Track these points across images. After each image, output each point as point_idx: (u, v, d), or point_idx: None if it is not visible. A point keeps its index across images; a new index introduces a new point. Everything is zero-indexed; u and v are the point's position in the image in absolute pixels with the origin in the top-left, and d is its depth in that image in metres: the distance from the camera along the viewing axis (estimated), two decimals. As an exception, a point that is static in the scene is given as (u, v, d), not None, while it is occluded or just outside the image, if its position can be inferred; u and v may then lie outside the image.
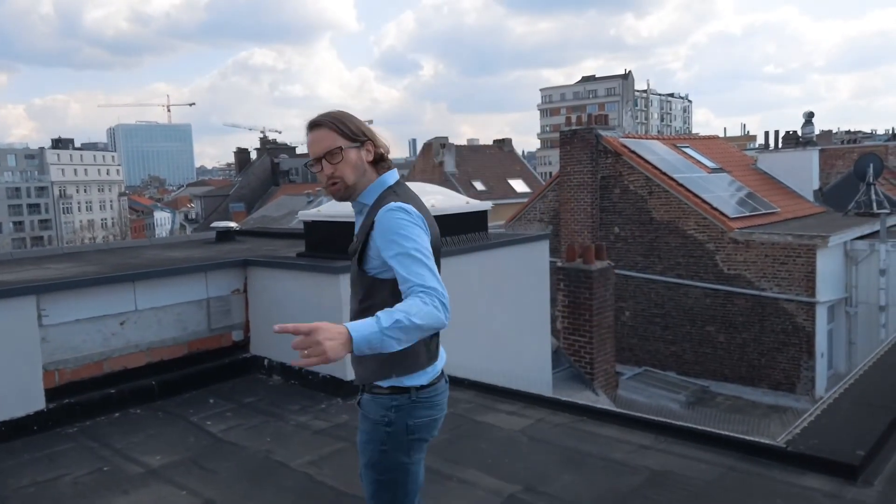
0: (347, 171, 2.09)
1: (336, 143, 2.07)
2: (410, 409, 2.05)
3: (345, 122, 2.09)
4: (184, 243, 9.02)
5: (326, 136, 2.08)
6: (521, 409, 4.78)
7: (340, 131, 2.08)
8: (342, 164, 2.07)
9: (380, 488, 2.12)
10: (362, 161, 2.11)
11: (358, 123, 2.11)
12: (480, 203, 6.48)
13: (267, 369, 5.65)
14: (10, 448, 4.25)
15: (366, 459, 2.13)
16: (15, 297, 4.44)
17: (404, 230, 1.97)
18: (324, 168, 2.08)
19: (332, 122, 2.08)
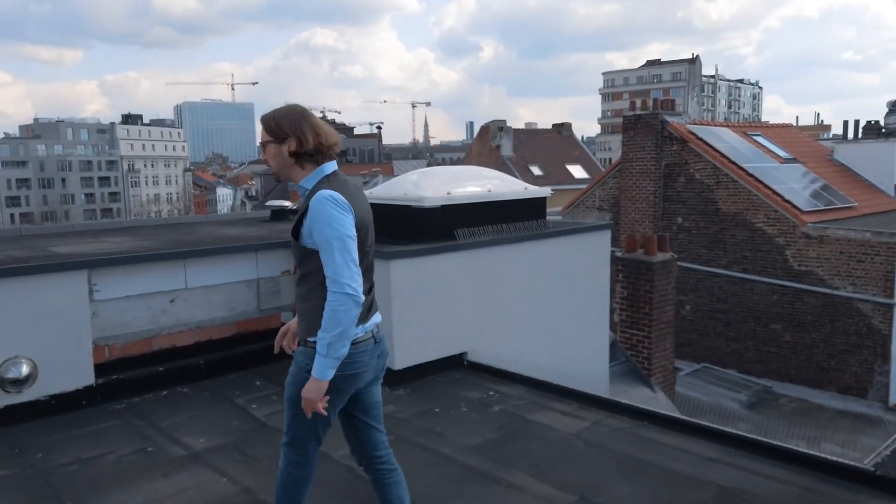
0: (270, 160, 2.54)
1: (264, 137, 2.51)
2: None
3: (274, 121, 2.48)
4: (240, 221, 9.03)
5: (262, 131, 2.54)
6: (577, 409, 4.51)
7: (268, 128, 2.49)
8: (267, 154, 2.53)
9: (294, 421, 2.56)
10: (282, 154, 2.48)
11: (287, 122, 2.46)
12: (539, 189, 6.18)
13: (314, 353, 5.53)
14: (57, 422, 4.25)
15: (287, 395, 2.55)
16: (67, 270, 4.42)
17: (329, 218, 2.33)
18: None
19: (266, 120, 2.51)
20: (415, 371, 4.99)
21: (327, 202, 2.34)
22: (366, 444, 2.72)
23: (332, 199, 2.34)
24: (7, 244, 6.49)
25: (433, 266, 5.09)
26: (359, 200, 2.47)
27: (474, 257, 5.37)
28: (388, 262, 4.79)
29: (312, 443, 2.59)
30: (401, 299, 4.87)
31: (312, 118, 2.50)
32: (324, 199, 2.34)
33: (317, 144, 2.45)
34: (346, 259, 2.31)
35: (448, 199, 5.35)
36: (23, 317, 4.23)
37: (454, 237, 5.29)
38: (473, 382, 5.03)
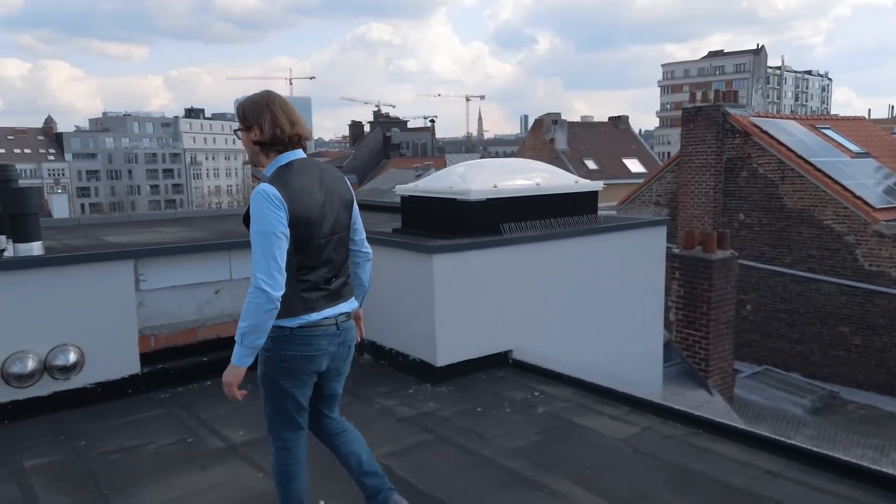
0: (245, 147, 2.59)
1: (238, 125, 2.56)
2: (284, 342, 2.48)
3: (242, 109, 2.52)
4: (288, 213, 9.09)
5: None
6: (626, 413, 4.29)
7: (238, 116, 2.53)
8: (242, 141, 2.58)
9: (266, 402, 2.63)
10: (249, 141, 2.52)
11: (251, 110, 2.50)
12: (590, 183, 5.95)
13: (358, 347, 5.46)
14: (102, 410, 4.30)
15: (258, 376, 2.60)
16: (113, 260, 4.47)
17: (257, 213, 2.38)
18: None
19: (237, 107, 2.55)
20: (457, 368, 4.87)
21: (259, 197, 2.38)
22: (314, 425, 2.81)
23: (263, 194, 2.37)
24: (65, 233, 6.68)
25: (478, 261, 4.94)
26: (306, 194, 2.45)
27: (521, 253, 5.19)
28: (431, 256, 4.67)
29: (287, 427, 2.63)
30: (443, 294, 4.74)
31: (276, 106, 2.49)
32: (256, 194, 2.39)
33: (273, 134, 2.47)
34: (266, 255, 2.35)
35: (494, 192, 5.19)
36: (71, 305, 4.30)
37: (500, 232, 5.13)
38: (518, 382, 4.87)
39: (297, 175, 2.47)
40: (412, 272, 4.89)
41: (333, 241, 2.55)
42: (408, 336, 5.02)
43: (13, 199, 4.59)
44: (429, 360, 4.81)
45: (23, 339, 4.10)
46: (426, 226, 5.41)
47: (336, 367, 2.68)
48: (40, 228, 4.69)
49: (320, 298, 2.52)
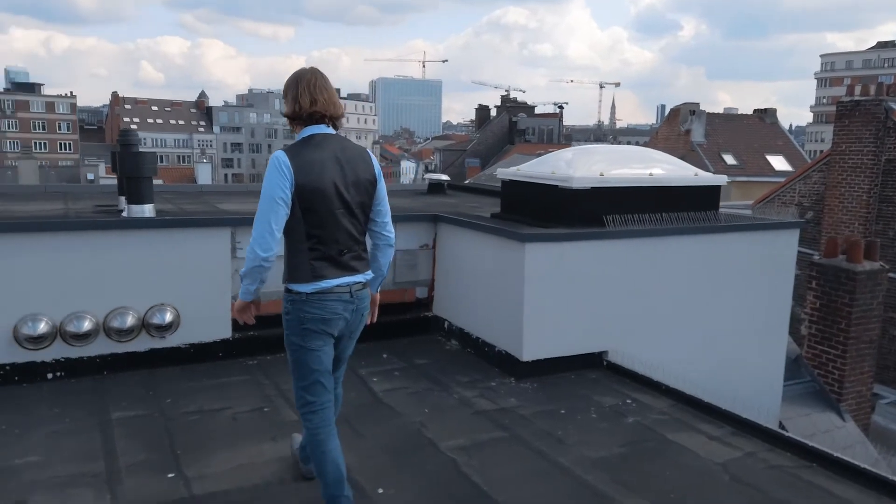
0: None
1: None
2: (301, 305, 2.62)
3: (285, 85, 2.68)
4: (398, 192, 9.10)
5: None
6: (729, 434, 3.84)
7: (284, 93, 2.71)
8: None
9: (292, 369, 2.75)
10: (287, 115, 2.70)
11: (285, 86, 2.68)
12: (712, 176, 5.40)
13: (446, 332, 5.33)
14: (193, 370, 4.44)
15: (284, 345, 2.75)
16: (212, 227, 4.58)
17: (267, 177, 2.57)
18: None
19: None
20: (545, 365, 4.58)
21: (271, 163, 2.57)
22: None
23: (275, 160, 2.55)
24: (186, 199, 7.02)
25: (576, 253, 4.61)
26: (316, 167, 2.56)
27: (626, 247, 4.79)
28: (523, 244, 4.40)
29: (313, 390, 2.71)
30: (534, 285, 4.47)
31: (303, 84, 2.63)
32: (271, 159, 2.58)
33: (293, 110, 2.63)
34: (262, 217, 2.54)
35: (600, 180, 4.82)
36: (171, 267, 4.45)
37: (603, 223, 4.76)
38: (610, 386, 4.51)
39: (313, 148, 2.60)
40: (503, 260, 4.65)
41: (345, 216, 2.62)
42: (495, 326, 4.79)
43: (129, 163, 4.82)
44: (514, 353, 4.56)
45: (125, 296, 4.30)
46: (525, 212, 5.13)
47: (349, 333, 2.80)
48: (153, 192, 4.90)
49: (330, 268, 2.62)
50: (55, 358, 4.11)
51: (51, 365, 4.11)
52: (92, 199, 6.71)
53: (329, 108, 2.64)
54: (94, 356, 4.22)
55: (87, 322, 4.16)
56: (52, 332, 4.08)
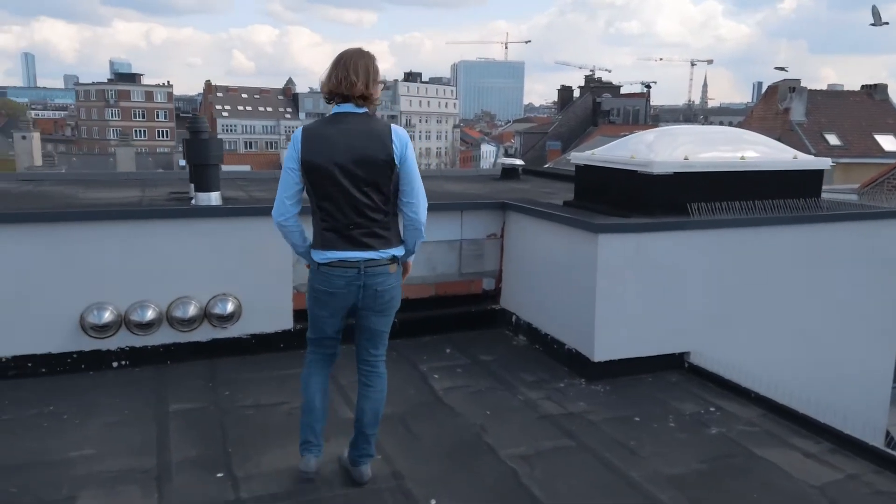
0: None
1: None
2: (314, 274, 2.87)
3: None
4: (471, 177, 8.86)
5: None
6: (827, 452, 3.41)
7: None
8: None
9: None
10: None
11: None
12: (813, 160, 4.85)
13: (514, 326, 5.06)
14: (254, 361, 4.39)
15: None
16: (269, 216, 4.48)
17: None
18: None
19: None
20: (619, 366, 4.25)
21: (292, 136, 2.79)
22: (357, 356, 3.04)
23: (294, 135, 2.78)
24: (261, 185, 7.06)
25: (655, 245, 4.23)
26: (323, 143, 2.70)
27: (712, 239, 4.37)
28: (596, 235, 4.06)
29: (311, 343, 3.06)
30: (608, 280, 4.13)
31: (333, 65, 2.75)
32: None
33: (322, 88, 2.79)
34: (280, 185, 2.80)
35: (684, 165, 4.40)
36: (233, 256, 4.40)
37: (687, 212, 4.34)
38: (692, 392, 4.13)
39: (327, 125, 2.75)
40: (574, 251, 4.33)
41: (354, 192, 2.68)
42: (565, 322, 4.49)
43: (196, 150, 4.80)
44: (585, 352, 4.25)
45: (187, 286, 4.28)
46: (600, 200, 4.77)
47: (368, 307, 2.83)
48: (219, 179, 4.87)
49: (338, 240, 2.74)
50: (119, 346, 4.15)
51: (115, 353, 4.15)
52: (170, 186, 6.84)
53: (341, 87, 2.71)
54: (157, 345, 4.23)
55: (150, 311, 4.16)
56: (117, 321, 4.11)
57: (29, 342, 3.96)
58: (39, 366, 3.98)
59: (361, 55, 2.76)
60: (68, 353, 4.04)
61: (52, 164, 32.31)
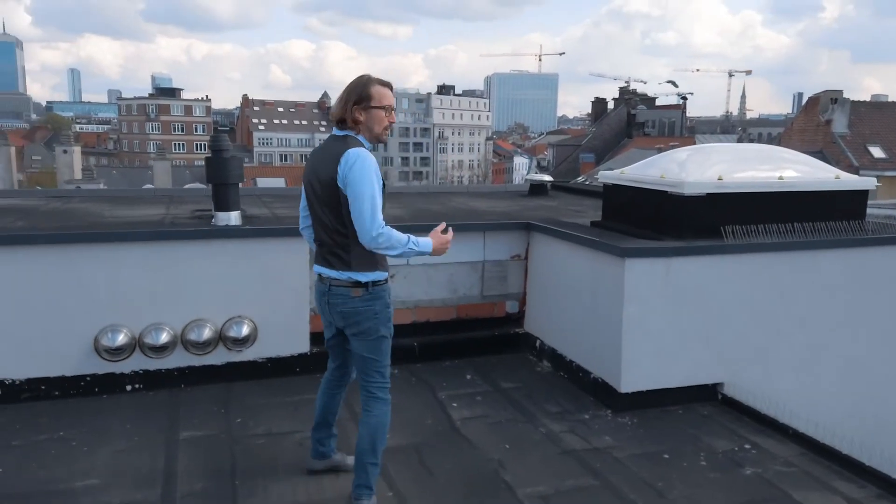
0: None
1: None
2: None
3: None
4: (497, 194, 8.71)
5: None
6: (873, 498, 3.15)
7: None
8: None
9: None
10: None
11: None
12: (858, 179, 4.59)
13: (537, 352, 4.88)
14: (269, 385, 4.28)
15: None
16: (289, 237, 4.38)
17: None
18: (391, 116, 2.87)
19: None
20: (648, 397, 4.04)
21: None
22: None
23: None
24: (287, 202, 7.02)
25: (687, 269, 4.02)
26: (308, 163, 2.93)
27: (747, 263, 4.14)
28: (623, 259, 3.87)
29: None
30: (636, 306, 3.93)
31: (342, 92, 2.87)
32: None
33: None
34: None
35: (718, 185, 4.18)
36: (249, 277, 4.32)
37: (720, 235, 4.12)
38: (725, 426, 3.89)
39: (320, 145, 2.95)
40: (600, 275, 4.14)
41: (318, 211, 2.84)
42: (591, 349, 4.29)
43: (215, 169, 4.75)
44: (612, 382, 4.05)
45: (202, 308, 4.21)
46: (629, 221, 4.58)
47: (343, 327, 2.93)
48: (239, 198, 4.81)
49: (317, 254, 2.95)
50: (133, 370, 4.09)
51: (129, 377, 4.09)
52: (196, 204, 6.85)
53: (337, 113, 2.84)
54: (171, 369, 4.16)
55: (164, 334, 4.10)
56: (132, 344, 4.06)
57: (43, 365, 3.92)
58: (53, 389, 3.94)
59: (352, 81, 2.85)
60: (82, 375, 4.00)
61: (90, 177, 33.20)
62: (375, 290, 2.82)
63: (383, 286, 2.86)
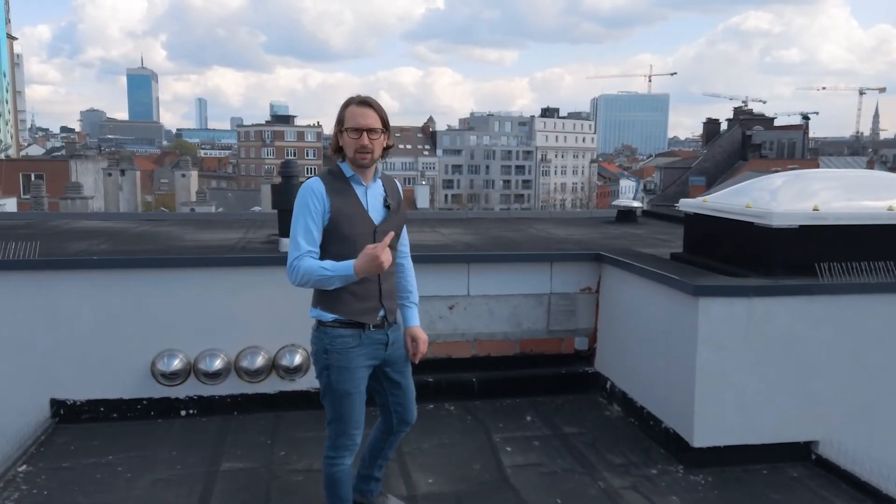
0: (377, 148, 2.62)
1: (377, 125, 2.59)
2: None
3: (383, 112, 2.63)
4: (581, 220, 8.31)
5: (374, 116, 2.59)
6: None
7: (381, 119, 2.61)
8: (377, 142, 2.60)
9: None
10: (381, 145, 2.64)
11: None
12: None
13: (608, 394, 4.50)
14: (319, 417, 4.10)
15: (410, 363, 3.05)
16: (345, 265, 4.30)
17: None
18: (361, 138, 2.56)
19: (378, 108, 2.61)
20: (727, 454, 3.58)
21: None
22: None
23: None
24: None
25: (773, 311, 3.55)
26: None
27: (848, 305, 3.60)
28: (697, 298, 3.47)
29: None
30: (712, 351, 3.50)
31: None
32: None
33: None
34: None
35: (813, 217, 3.68)
36: (304, 305, 4.24)
37: (815, 273, 3.62)
38: (817, 493, 3.37)
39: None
40: (673, 315, 3.74)
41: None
42: (662, 396, 3.88)
43: (279, 195, 4.77)
44: (684, 434, 3.62)
45: (256, 335, 4.19)
46: (712, 255, 4.14)
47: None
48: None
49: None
50: (188, 395, 4.11)
51: (184, 402, 4.11)
52: (275, 228, 6.98)
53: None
54: (224, 395, 4.15)
55: (218, 361, 4.10)
56: (186, 369, 4.08)
57: (102, 387, 4.02)
58: (111, 411, 4.03)
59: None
60: (139, 399, 4.06)
61: (203, 199, 35.46)
62: (320, 331, 2.69)
63: (329, 329, 2.65)
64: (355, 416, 2.75)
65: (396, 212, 2.72)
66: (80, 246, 4.88)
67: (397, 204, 2.74)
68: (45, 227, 6.52)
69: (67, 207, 26.42)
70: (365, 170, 2.63)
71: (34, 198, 28.89)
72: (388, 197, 2.71)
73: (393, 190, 2.77)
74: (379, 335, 2.72)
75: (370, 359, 2.72)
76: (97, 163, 37.77)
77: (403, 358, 2.91)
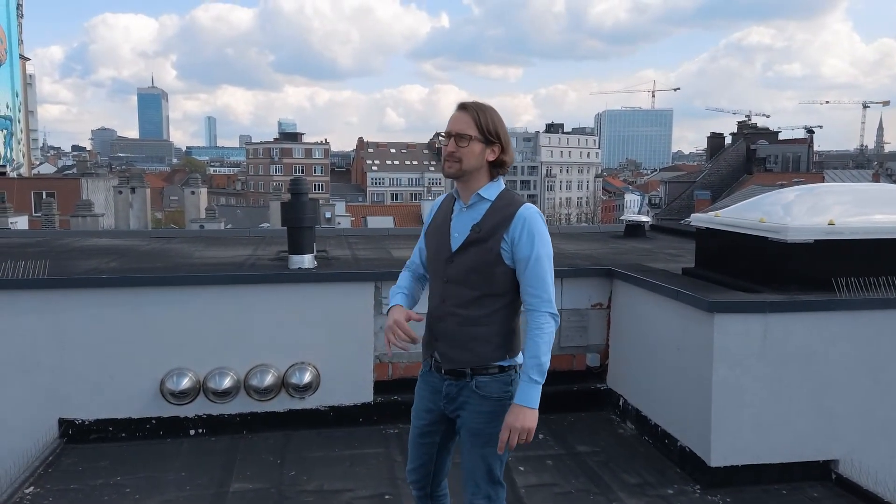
0: (468, 157, 2.19)
1: (469, 130, 2.19)
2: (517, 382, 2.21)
3: (485, 119, 2.20)
4: (588, 234, 8.28)
5: (465, 120, 2.20)
6: None
7: (477, 124, 2.20)
8: (466, 149, 2.19)
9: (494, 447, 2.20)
10: (483, 157, 2.21)
11: (498, 127, 2.23)
12: None
13: (621, 411, 4.43)
14: (329, 436, 4.13)
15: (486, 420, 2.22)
16: (355, 281, 4.28)
17: (545, 235, 2.19)
18: (449, 145, 2.20)
19: (475, 112, 2.21)
20: (745, 473, 3.51)
21: (540, 218, 2.20)
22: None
23: (541, 216, 2.23)
24: (372, 244, 6.99)
25: (790, 327, 3.50)
26: None
27: (866, 321, 3.55)
28: (711, 315, 3.42)
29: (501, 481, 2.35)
30: (728, 368, 3.45)
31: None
32: (537, 215, 2.21)
33: (510, 157, 2.29)
34: (552, 279, 2.19)
35: (829, 231, 3.64)
36: (315, 323, 4.23)
37: (832, 288, 3.57)
38: (840, 514, 3.29)
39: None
40: (687, 332, 3.69)
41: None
42: (678, 414, 3.82)
43: (290, 212, 4.75)
44: (700, 454, 3.56)
45: (266, 354, 4.16)
46: (725, 271, 4.10)
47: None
48: (313, 241, 4.78)
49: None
50: (197, 414, 4.08)
51: (193, 421, 4.08)
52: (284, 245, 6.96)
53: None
54: (233, 414, 4.12)
55: (227, 379, 4.07)
56: (195, 388, 4.05)
57: (111, 406, 3.99)
58: (120, 430, 3.99)
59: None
60: (147, 418, 4.03)
61: (212, 216, 35.57)
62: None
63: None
64: (411, 449, 2.40)
65: (483, 242, 2.15)
66: (89, 264, 4.87)
67: (489, 233, 2.15)
68: (55, 245, 6.52)
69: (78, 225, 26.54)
70: (463, 185, 2.22)
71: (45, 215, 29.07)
72: (481, 222, 2.18)
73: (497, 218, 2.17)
74: (433, 380, 2.30)
75: (430, 401, 2.32)
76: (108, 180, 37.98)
77: (473, 432, 2.23)
